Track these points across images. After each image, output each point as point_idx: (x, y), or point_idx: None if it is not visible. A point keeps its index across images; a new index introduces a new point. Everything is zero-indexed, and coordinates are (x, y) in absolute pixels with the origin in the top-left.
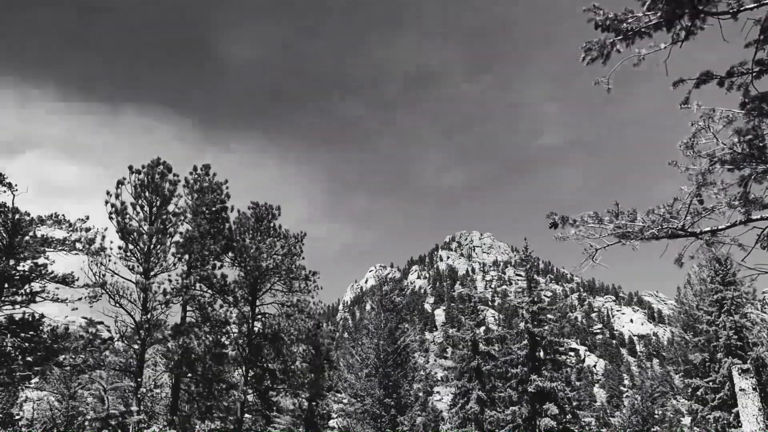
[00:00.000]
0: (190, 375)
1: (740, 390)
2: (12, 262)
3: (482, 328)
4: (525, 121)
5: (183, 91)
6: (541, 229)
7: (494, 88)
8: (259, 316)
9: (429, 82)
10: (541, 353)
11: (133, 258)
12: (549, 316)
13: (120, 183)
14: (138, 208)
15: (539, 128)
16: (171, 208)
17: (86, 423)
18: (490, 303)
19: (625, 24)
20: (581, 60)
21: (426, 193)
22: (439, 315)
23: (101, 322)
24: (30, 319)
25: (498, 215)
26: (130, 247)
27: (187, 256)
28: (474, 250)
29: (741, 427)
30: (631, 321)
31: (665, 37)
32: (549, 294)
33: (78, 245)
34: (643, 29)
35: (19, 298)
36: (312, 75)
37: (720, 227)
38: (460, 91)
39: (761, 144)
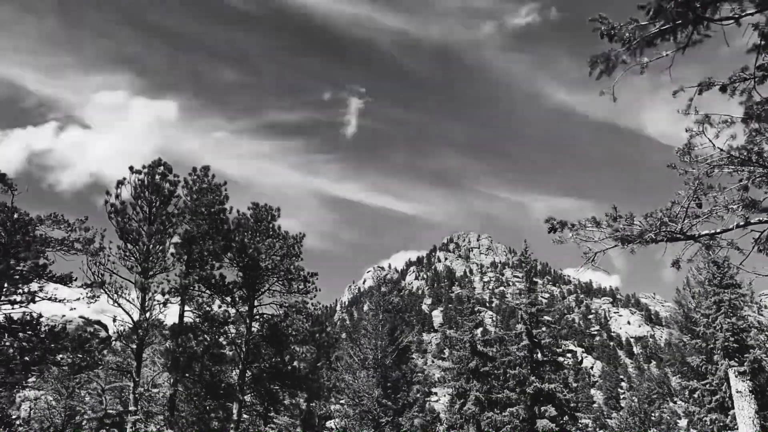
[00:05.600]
0: (188, 375)
1: (737, 392)
2: (11, 261)
3: (480, 330)
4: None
5: None
6: (539, 230)
7: None
8: (258, 317)
9: None
10: (540, 355)
11: (132, 258)
12: (547, 317)
13: (120, 183)
14: (138, 209)
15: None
16: (170, 208)
17: (84, 422)
18: (487, 304)
19: (629, 33)
20: (589, 74)
21: (425, 191)
22: (437, 316)
23: (99, 322)
24: (28, 318)
25: (496, 216)
26: (129, 247)
27: (186, 257)
28: (472, 251)
29: (737, 429)
30: (629, 323)
31: (669, 45)
32: (547, 295)
33: (77, 245)
34: (647, 38)
35: (17, 298)
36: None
37: (718, 230)
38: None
39: (760, 148)
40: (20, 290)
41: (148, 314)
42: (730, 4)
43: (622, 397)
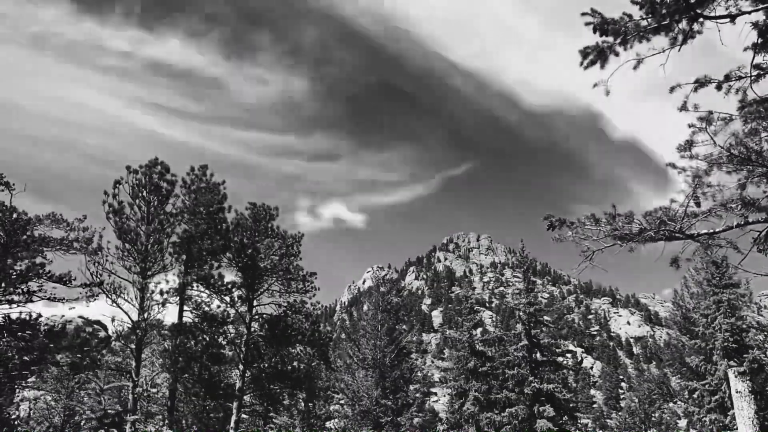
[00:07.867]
0: (186, 375)
1: (736, 392)
2: (9, 261)
3: (479, 330)
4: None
5: None
6: (539, 230)
7: None
8: (257, 317)
9: None
10: (539, 355)
11: (131, 258)
12: (546, 317)
13: (117, 183)
14: (136, 208)
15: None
16: (169, 208)
17: (83, 422)
18: (487, 304)
19: (623, 27)
20: (579, 64)
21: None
22: (437, 316)
23: (98, 322)
24: (27, 318)
25: (496, 217)
26: (128, 246)
27: (184, 256)
28: (471, 251)
29: (736, 429)
30: (628, 323)
31: (664, 41)
32: (546, 296)
33: (75, 245)
34: (641, 33)
35: (16, 297)
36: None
37: (717, 230)
38: None
39: (759, 147)
40: (18, 290)
41: (146, 314)
42: (726, 1)
43: (622, 397)
